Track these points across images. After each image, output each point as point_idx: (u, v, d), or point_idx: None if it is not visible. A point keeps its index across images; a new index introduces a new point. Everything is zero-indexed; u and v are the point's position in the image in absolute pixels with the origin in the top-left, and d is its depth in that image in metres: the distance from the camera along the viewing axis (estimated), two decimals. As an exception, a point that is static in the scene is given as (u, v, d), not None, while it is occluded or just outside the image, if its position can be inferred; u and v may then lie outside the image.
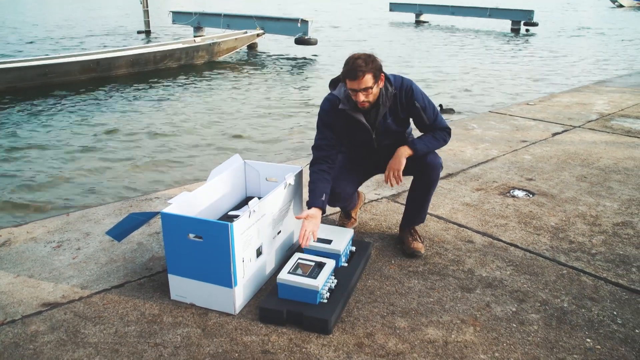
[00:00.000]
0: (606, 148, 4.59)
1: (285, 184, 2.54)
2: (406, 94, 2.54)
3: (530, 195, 3.53)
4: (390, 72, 2.56)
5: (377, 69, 2.37)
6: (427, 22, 24.29)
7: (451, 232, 2.99)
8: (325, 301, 2.18)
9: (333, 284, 2.29)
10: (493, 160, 4.24)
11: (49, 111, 8.11)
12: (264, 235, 2.39)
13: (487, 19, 22.89)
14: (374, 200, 3.42)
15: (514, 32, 20.53)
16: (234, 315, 2.22)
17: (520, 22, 20.87)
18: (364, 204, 3.30)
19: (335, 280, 2.32)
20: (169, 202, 2.29)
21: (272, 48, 15.37)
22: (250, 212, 2.21)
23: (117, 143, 6.53)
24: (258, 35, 14.58)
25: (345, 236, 2.55)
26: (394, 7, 26.22)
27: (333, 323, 2.12)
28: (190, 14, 16.75)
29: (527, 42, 17.45)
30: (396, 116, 2.58)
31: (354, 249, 2.62)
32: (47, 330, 2.12)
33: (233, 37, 13.75)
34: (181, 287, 2.28)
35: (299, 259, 2.33)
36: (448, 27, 22.21)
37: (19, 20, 24.57)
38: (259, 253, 2.37)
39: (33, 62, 9.97)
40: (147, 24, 18.35)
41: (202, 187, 2.55)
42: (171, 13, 17.53)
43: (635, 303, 2.34)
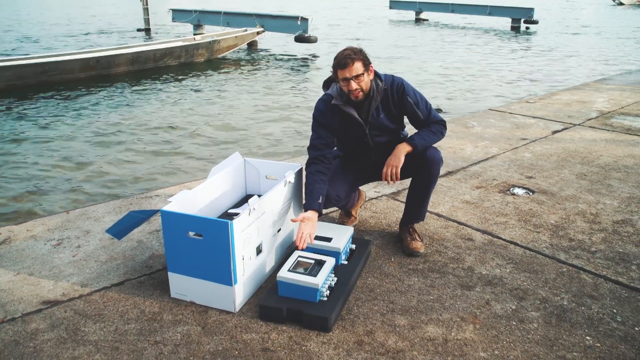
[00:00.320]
0: (606, 146, 4.59)
1: (285, 182, 2.54)
2: (397, 90, 2.57)
3: (530, 193, 3.53)
4: (391, 71, 2.58)
5: (365, 58, 2.44)
6: (427, 20, 24.26)
7: (451, 230, 2.99)
8: (325, 299, 2.19)
9: (333, 282, 2.29)
10: (493, 158, 4.24)
11: (48, 109, 8.10)
12: (264, 233, 2.39)
13: (487, 17, 22.87)
14: (374, 198, 3.42)
15: (514, 29, 20.50)
16: (233, 313, 2.22)
17: (521, 20, 20.83)
18: (364, 202, 3.30)
19: (335, 278, 2.32)
20: (169, 200, 2.29)
21: (272, 46, 15.35)
22: (250, 210, 2.21)
23: (116, 141, 6.52)
24: (258, 33, 14.57)
25: (345, 234, 2.55)
26: (393, 4, 26.18)
27: (333, 321, 2.13)
28: (190, 11, 16.71)
29: (527, 40, 17.43)
30: (389, 113, 2.60)
31: (353, 246, 2.62)
32: (47, 328, 2.12)
33: (233, 34, 13.74)
34: (181, 285, 2.29)
35: (299, 256, 2.33)
36: (448, 25, 22.18)
37: (16, 18, 24.53)
38: (259, 251, 2.37)
39: (32, 59, 9.94)
40: (146, 21, 18.33)
41: (202, 185, 2.55)
42: (171, 11, 17.50)
43: (634, 301, 2.35)
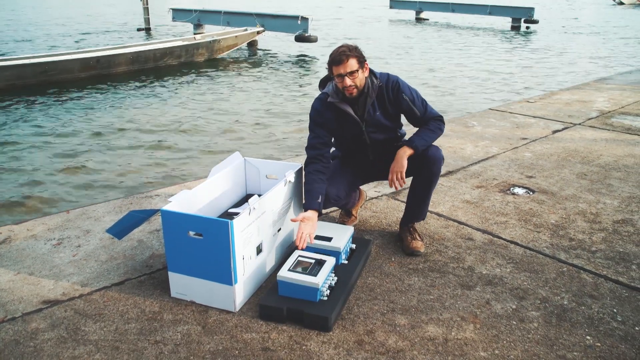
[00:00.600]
0: (606, 145, 4.59)
1: (285, 182, 2.54)
2: (393, 88, 2.58)
3: (531, 193, 3.53)
4: (391, 71, 2.59)
5: (360, 55, 2.46)
6: (427, 20, 24.26)
7: (451, 230, 2.99)
8: (326, 298, 2.19)
9: (333, 282, 2.29)
10: (493, 158, 4.24)
11: (48, 109, 8.10)
12: (264, 233, 2.39)
13: (487, 17, 22.88)
14: (374, 198, 3.42)
15: (514, 29, 20.50)
16: (234, 312, 2.22)
17: (521, 20, 20.84)
18: (365, 201, 3.30)
19: (336, 278, 2.32)
20: (169, 199, 2.29)
21: (272, 45, 15.35)
22: (250, 210, 2.21)
23: (117, 141, 6.52)
24: (258, 32, 14.57)
25: (345, 234, 2.55)
26: (394, 4, 26.18)
27: (333, 320, 2.13)
28: (190, 11, 16.71)
29: (528, 40, 17.43)
30: (385, 110, 2.60)
31: (354, 246, 2.62)
32: (48, 328, 2.12)
33: (233, 34, 13.73)
34: (181, 285, 2.29)
35: (299, 256, 2.33)
36: (448, 25, 22.18)
37: (15, 18, 24.51)
38: (259, 250, 2.37)
39: (32, 59, 9.93)
40: (147, 21, 18.33)
41: (202, 184, 2.55)
42: (171, 10, 17.51)
43: (635, 300, 2.34)
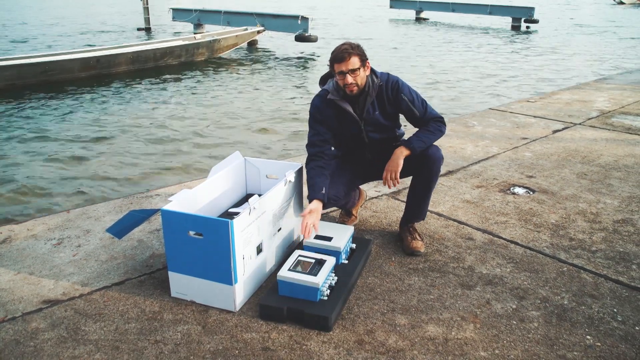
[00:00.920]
0: (607, 145, 4.58)
1: (285, 181, 2.54)
2: (392, 88, 2.58)
3: (531, 193, 3.53)
4: (391, 71, 2.59)
5: (362, 53, 2.47)
6: (428, 19, 24.25)
7: (451, 229, 2.99)
8: (326, 298, 2.19)
9: (333, 281, 2.29)
10: (493, 158, 4.24)
11: (48, 109, 8.10)
12: (264, 233, 2.39)
13: (488, 16, 22.87)
14: (375, 198, 3.42)
15: (515, 29, 20.48)
16: (234, 312, 2.22)
17: (521, 19, 20.81)
18: (365, 201, 3.29)
19: (336, 278, 2.32)
20: (169, 199, 2.29)
21: (272, 45, 15.34)
22: (250, 210, 2.21)
23: (117, 140, 6.52)
24: (258, 32, 14.56)
25: (345, 233, 2.55)
26: (394, 4, 26.16)
27: (333, 320, 2.13)
28: (190, 11, 16.71)
29: (528, 39, 17.42)
30: (383, 110, 2.61)
31: (354, 246, 2.62)
32: (48, 328, 2.12)
33: (233, 34, 13.73)
34: (181, 285, 2.29)
35: (299, 256, 2.33)
36: (448, 24, 22.17)
37: (14, 18, 24.51)
38: (259, 250, 2.37)
39: (32, 59, 9.93)
40: (147, 21, 18.33)
41: (202, 184, 2.55)
42: (171, 10, 17.50)
43: (635, 300, 2.34)
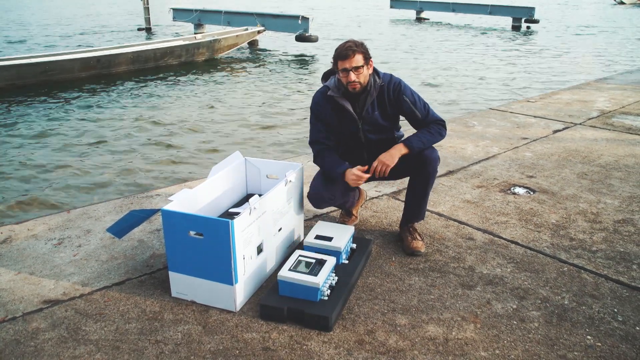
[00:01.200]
0: (607, 145, 4.58)
1: (285, 181, 2.54)
2: (394, 89, 2.59)
3: (531, 193, 3.53)
4: (391, 71, 2.59)
5: (366, 51, 2.48)
6: (428, 19, 24.25)
7: (452, 230, 2.99)
8: (326, 298, 2.19)
9: (334, 281, 2.29)
10: (494, 158, 4.24)
11: (48, 109, 8.10)
12: (265, 233, 2.39)
13: (488, 16, 22.87)
14: (375, 198, 3.42)
15: (515, 29, 20.49)
16: (234, 312, 2.22)
17: (521, 19, 20.84)
18: (365, 201, 3.29)
19: (336, 278, 2.32)
20: (170, 199, 2.29)
21: (272, 45, 15.34)
22: (250, 210, 2.21)
23: (117, 140, 6.52)
24: (259, 32, 14.56)
25: (346, 233, 2.55)
26: (394, 4, 26.18)
27: (334, 320, 2.13)
28: (190, 11, 16.72)
29: (528, 39, 17.42)
30: (383, 110, 2.61)
31: (354, 246, 2.62)
32: (48, 328, 2.12)
33: (234, 34, 13.74)
34: (182, 285, 2.29)
35: (300, 256, 2.33)
36: (449, 25, 22.17)
37: (14, 18, 24.51)
38: (260, 250, 2.37)
39: (33, 59, 9.93)
40: (147, 21, 18.34)
41: (202, 184, 2.55)
42: (171, 10, 17.52)
43: (636, 300, 2.34)
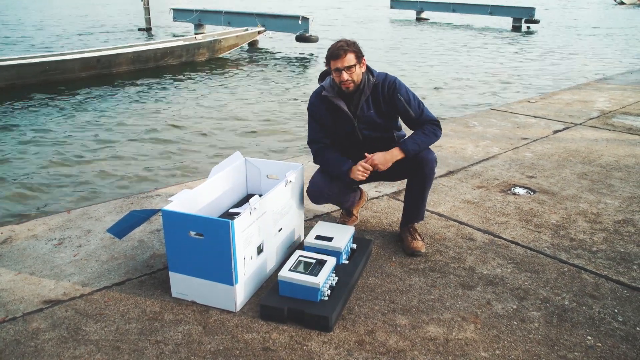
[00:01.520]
0: (607, 145, 4.58)
1: (286, 182, 2.54)
2: (389, 87, 2.60)
3: (531, 193, 3.53)
4: (391, 71, 2.59)
5: (358, 50, 2.50)
6: (428, 19, 24.25)
7: (452, 230, 2.99)
8: (326, 299, 2.19)
9: (334, 282, 2.29)
10: (494, 158, 4.24)
11: (48, 109, 8.10)
12: (265, 233, 2.39)
13: (488, 17, 22.84)
14: (375, 198, 3.42)
15: (515, 29, 20.47)
16: (234, 312, 2.22)
17: (522, 20, 20.81)
18: (366, 202, 3.29)
19: (336, 278, 2.32)
20: (170, 199, 2.29)
21: (273, 45, 15.34)
22: (251, 210, 2.21)
23: (117, 141, 6.52)
24: (259, 32, 14.56)
25: (346, 234, 2.55)
26: (394, 4, 26.16)
27: (334, 320, 2.13)
28: (191, 11, 16.72)
29: (529, 40, 17.41)
30: (378, 108, 2.62)
31: (354, 246, 2.62)
32: (48, 328, 2.12)
33: (234, 34, 13.73)
34: (182, 285, 2.29)
35: (300, 256, 2.33)
36: (449, 25, 22.16)
37: (13, 18, 24.52)
38: (260, 250, 2.37)
39: (33, 59, 9.92)
40: (147, 21, 18.33)
41: (203, 184, 2.55)
42: (172, 10, 17.52)
43: (636, 301, 2.34)
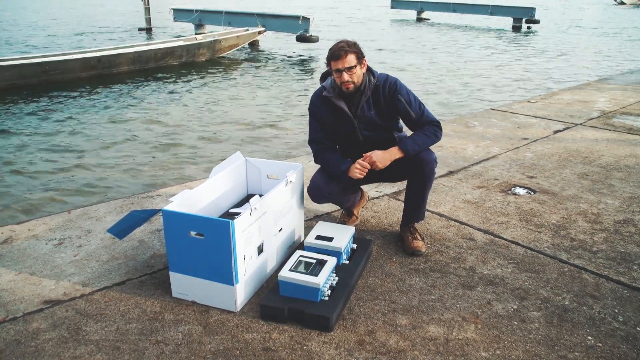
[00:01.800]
0: (608, 145, 4.58)
1: (286, 182, 2.54)
2: (390, 88, 2.60)
3: (532, 193, 3.53)
4: (391, 71, 2.58)
5: (359, 51, 2.50)
6: (428, 20, 24.26)
7: (452, 230, 2.99)
8: (327, 299, 2.19)
9: (334, 282, 2.29)
10: (494, 158, 4.24)
11: (49, 109, 8.10)
12: (265, 233, 2.39)
13: (489, 17, 22.86)
14: (376, 198, 3.42)
15: (516, 29, 20.48)
16: (235, 312, 2.22)
17: (522, 20, 20.82)
18: (367, 202, 3.29)
19: (337, 278, 2.32)
20: (171, 199, 2.29)
21: (273, 45, 15.35)
22: (251, 210, 2.21)
23: (118, 141, 6.52)
24: (259, 32, 14.56)
25: (346, 234, 2.55)
26: (395, 4, 26.17)
27: (334, 320, 2.13)
28: (191, 11, 16.73)
29: (529, 40, 17.41)
30: (379, 109, 2.62)
31: (355, 246, 2.62)
32: (49, 328, 2.12)
33: (234, 34, 13.74)
34: (182, 285, 2.29)
35: (300, 256, 2.33)
36: (449, 25, 22.16)
37: (13, 18, 24.53)
38: (260, 250, 2.37)
39: (33, 59, 9.93)
40: (148, 21, 18.35)
41: (203, 184, 2.55)
42: (172, 10, 17.52)
43: (636, 301, 2.34)
